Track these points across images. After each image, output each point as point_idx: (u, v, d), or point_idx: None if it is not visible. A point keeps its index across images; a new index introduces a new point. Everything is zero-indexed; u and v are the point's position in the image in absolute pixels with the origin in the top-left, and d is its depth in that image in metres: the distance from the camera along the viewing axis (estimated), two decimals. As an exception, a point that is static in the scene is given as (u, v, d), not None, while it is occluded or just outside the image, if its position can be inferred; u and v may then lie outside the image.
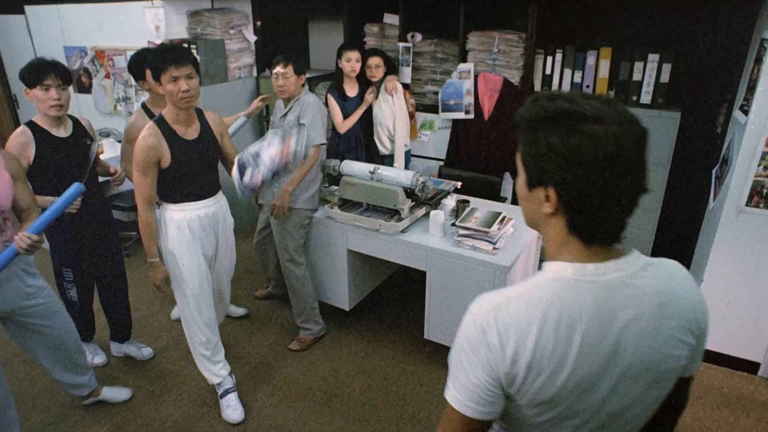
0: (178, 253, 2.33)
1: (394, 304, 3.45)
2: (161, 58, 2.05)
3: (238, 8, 3.97)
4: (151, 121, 2.17)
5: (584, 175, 0.80)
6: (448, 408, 0.90)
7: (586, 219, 0.84)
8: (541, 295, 0.85)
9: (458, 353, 0.88)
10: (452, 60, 3.61)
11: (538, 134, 0.83)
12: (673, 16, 3.21)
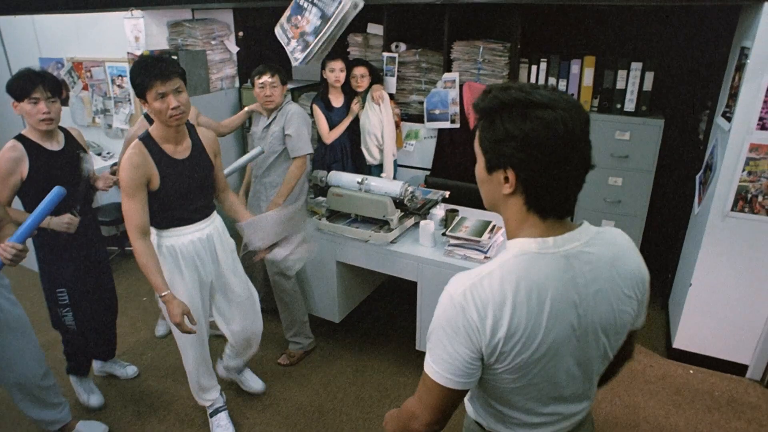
0: (170, 282, 2.08)
1: (384, 314, 3.41)
2: (144, 72, 1.84)
3: (219, 19, 3.92)
4: (136, 140, 1.98)
5: (539, 156, 0.89)
6: (428, 381, 0.98)
7: (542, 196, 0.94)
8: (511, 270, 0.94)
9: (438, 331, 0.96)
10: (437, 69, 3.61)
11: (495, 122, 0.92)
12: (654, 25, 3.27)
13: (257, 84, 2.67)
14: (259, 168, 2.79)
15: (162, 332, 3.20)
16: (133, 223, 1.94)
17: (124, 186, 1.92)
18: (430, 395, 1.00)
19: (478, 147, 0.98)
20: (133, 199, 1.93)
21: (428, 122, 3.64)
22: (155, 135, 2.01)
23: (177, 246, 2.11)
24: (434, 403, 1.01)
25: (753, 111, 2.38)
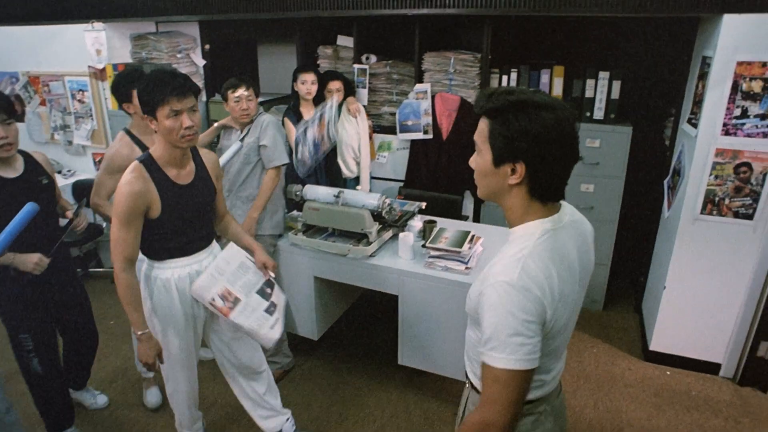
0: (162, 318, 1.96)
1: (363, 329, 3.36)
2: (158, 87, 1.68)
3: (184, 31, 3.83)
4: (135, 161, 1.80)
5: (548, 150, 1.04)
6: (506, 375, 1.02)
7: (545, 185, 1.09)
8: (545, 247, 1.09)
9: (506, 320, 1.02)
10: (408, 81, 3.62)
11: (509, 120, 1.03)
12: (619, 35, 3.36)
13: (232, 98, 2.60)
14: (233, 182, 2.71)
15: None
16: (122, 254, 1.77)
17: (119, 213, 1.73)
18: (509, 390, 1.03)
19: (485, 143, 1.09)
20: (128, 228, 1.76)
21: (401, 133, 3.63)
22: (158, 157, 1.83)
23: (173, 279, 1.94)
24: (515, 396, 1.04)
25: (717, 117, 2.46)
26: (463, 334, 2.41)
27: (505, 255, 1.10)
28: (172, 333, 1.99)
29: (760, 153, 2.46)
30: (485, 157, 1.10)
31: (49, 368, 2.25)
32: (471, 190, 3.59)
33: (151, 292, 1.96)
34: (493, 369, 1.04)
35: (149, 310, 1.96)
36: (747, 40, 2.34)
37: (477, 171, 1.14)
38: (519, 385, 1.03)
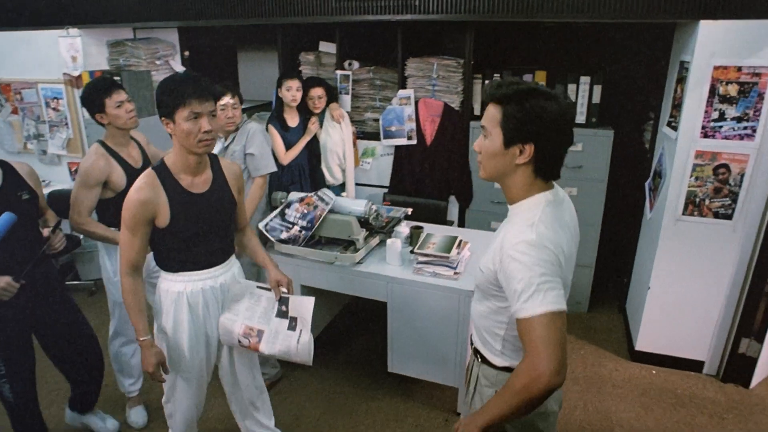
0: (173, 333, 1.86)
1: (351, 336, 3.33)
2: (178, 88, 1.62)
3: (163, 38, 3.77)
4: (149, 168, 1.74)
5: (557, 132, 1.19)
6: (545, 320, 1.10)
7: (549, 164, 1.24)
8: (550, 216, 1.22)
9: (535, 270, 1.13)
10: (391, 87, 3.62)
11: (524, 105, 1.17)
12: (599, 40, 3.42)
13: (217, 106, 2.55)
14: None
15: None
16: (126, 258, 1.73)
17: (125, 218, 1.69)
18: (551, 332, 1.09)
19: (496, 127, 1.21)
20: (135, 234, 1.70)
21: (384, 139, 3.63)
22: (171, 163, 1.75)
23: (185, 293, 1.84)
24: (557, 337, 1.10)
25: (696, 120, 2.52)
26: (453, 340, 2.44)
27: (515, 224, 1.22)
28: (179, 350, 1.87)
29: (737, 155, 2.52)
30: (495, 140, 1.23)
31: (21, 395, 2.10)
32: (456, 195, 3.61)
33: (161, 304, 1.87)
34: (530, 319, 1.11)
35: (159, 321, 1.89)
36: (722, 45, 2.40)
37: (484, 153, 1.27)
38: (559, 326, 1.10)
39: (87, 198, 2.23)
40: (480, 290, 1.37)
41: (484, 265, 1.32)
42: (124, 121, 2.28)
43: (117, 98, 2.25)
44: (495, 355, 1.38)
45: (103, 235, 2.29)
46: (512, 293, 1.16)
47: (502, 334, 1.34)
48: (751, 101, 2.44)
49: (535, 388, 1.09)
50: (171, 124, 1.65)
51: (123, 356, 2.55)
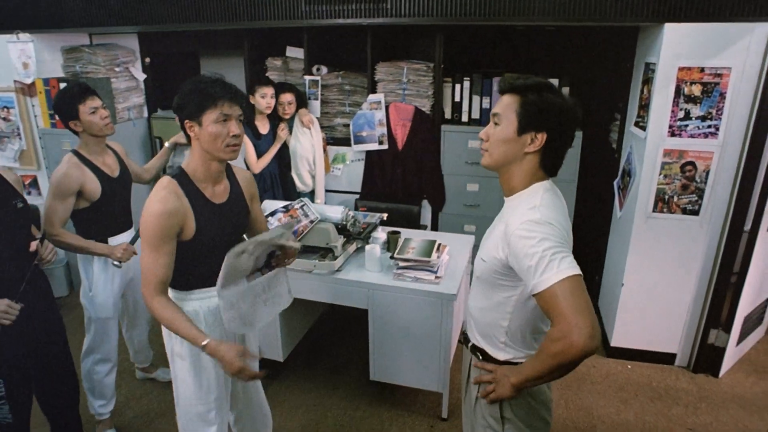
0: (191, 357, 1.67)
1: (329, 346, 3.26)
2: (209, 88, 1.50)
3: (123, 44, 3.62)
4: (167, 177, 1.57)
5: (567, 124, 1.26)
6: (568, 284, 1.11)
7: (555, 155, 1.30)
8: (551, 199, 1.28)
9: (543, 243, 1.16)
10: (360, 91, 3.59)
11: (543, 94, 1.24)
12: (566, 43, 3.48)
13: None
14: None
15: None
16: (155, 279, 1.51)
17: (148, 237, 1.50)
18: (574, 297, 1.10)
19: (511, 114, 1.26)
20: (160, 251, 1.51)
21: (355, 145, 3.59)
22: (192, 171, 1.60)
23: (201, 311, 1.69)
24: (582, 301, 1.11)
25: (664, 120, 2.60)
26: (437, 345, 2.42)
27: (517, 210, 1.25)
28: (201, 377, 1.70)
29: (702, 152, 2.61)
30: (508, 126, 1.27)
31: (20, 417, 1.96)
32: (429, 199, 3.60)
33: None
34: (551, 289, 1.12)
35: (170, 350, 1.71)
36: (686, 47, 2.49)
37: (493, 139, 1.30)
38: (581, 289, 1.12)
39: (60, 209, 2.12)
40: (482, 284, 1.37)
41: (486, 255, 1.32)
42: (99, 128, 2.18)
43: (91, 104, 2.15)
44: (498, 350, 1.38)
45: (80, 245, 2.19)
46: (526, 270, 1.17)
47: (506, 325, 1.35)
48: (713, 101, 2.53)
49: (570, 354, 1.10)
50: (196, 127, 1.53)
51: (96, 375, 2.42)
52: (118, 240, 2.32)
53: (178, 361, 1.69)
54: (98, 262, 2.29)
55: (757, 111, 2.50)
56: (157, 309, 1.53)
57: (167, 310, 1.53)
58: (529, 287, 1.18)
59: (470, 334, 1.48)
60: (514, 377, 1.27)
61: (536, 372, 1.21)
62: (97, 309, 2.33)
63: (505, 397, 1.32)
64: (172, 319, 1.52)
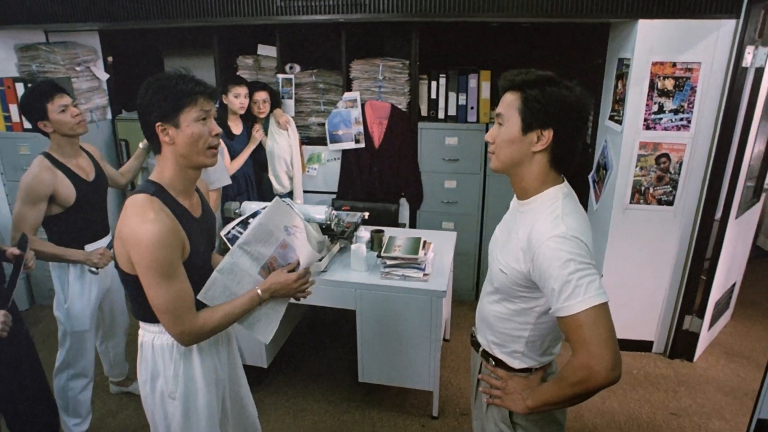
0: (185, 398, 1.48)
1: (313, 349, 3.19)
2: (184, 85, 1.32)
3: (83, 42, 3.44)
4: (142, 195, 1.33)
5: (574, 119, 1.17)
6: (592, 314, 1.06)
7: (565, 152, 1.20)
8: (572, 207, 1.21)
9: (573, 266, 1.08)
10: (335, 90, 3.54)
11: (546, 89, 1.15)
12: (539, 39, 3.53)
13: None
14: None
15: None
16: (186, 307, 1.33)
17: (157, 267, 1.28)
18: (599, 327, 1.06)
19: (513, 113, 1.18)
20: (176, 277, 1.32)
21: (331, 144, 3.54)
22: (168, 183, 1.38)
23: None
24: (606, 331, 1.07)
25: (639, 113, 2.67)
26: (426, 343, 2.40)
27: (540, 218, 1.18)
28: (186, 421, 1.52)
29: (676, 144, 2.69)
30: (512, 126, 1.19)
31: None
32: (407, 197, 3.58)
33: (160, 365, 1.47)
34: (575, 316, 1.07)
35: (156, 391, 1.49)
36: (659, 43, 2.56)
37: (499, 141, 1.23)
38: (606, 319, 1.07)
39: (30, 215, 1.98)
40: (500, 292, 1.30)
41: (506, 266, 1.25)
42: (70, 127, 2.05)
43: (60, 102, 2.01)
44: (514, 358, 1.33)
45: (53, 253, 2.05)
46: (550, 292, 1.12)
47: (526, 335, 1.29)
48: (685, 95, 2.62)
49: (591, 384, 1.08)
50: (171, 129, 1.32)
51: (70, 391, 2.27)
52: (95, 248, 2.19)
53: (169, 403, 1.49)
54: (74, 271, 2.16)
55: (725, 104, 2.60)
56: (206, 328, 1.36)
57: (212, 317, 1.37)
58: (551, 309, 1.14)
59: (482, 340, 1.42)
60: (531, 400, 1.23)
61: (554, 398, 1.18)
62: (73, 321, 2.19)
63: (515, 412, 1.29)
64: (223, 315, 1.38)
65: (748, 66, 2.52)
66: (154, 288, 1.30)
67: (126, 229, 1.30)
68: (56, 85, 2.05)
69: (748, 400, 2.71)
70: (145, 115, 1.34)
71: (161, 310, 1.32)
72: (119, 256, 1.37)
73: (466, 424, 2.56)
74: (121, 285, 2.37)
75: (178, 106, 1.32)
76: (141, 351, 1.50)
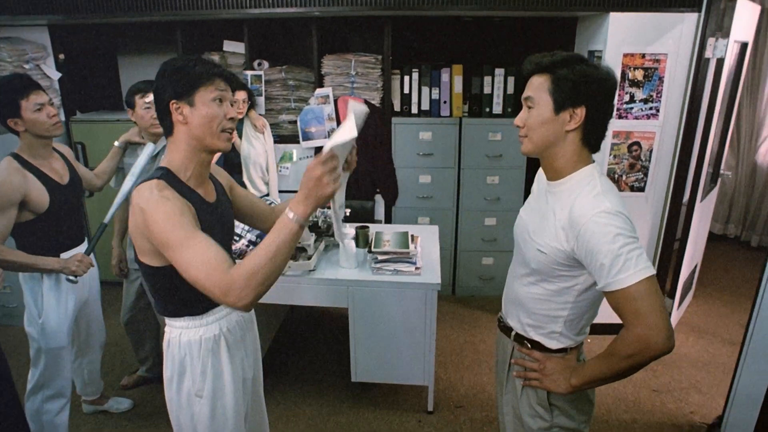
0: (212, 396, 1.41)
1: (300, 351, 3.10)
2: (198, 66, 1.27)
3: (30, 37, 3.19)
4: (149, 182, 1.25)
5: (605, 94, 1.20)
6: (643, 286, 1.08)
7: (597, 130, 1.22)
8: (608, 184, 1.23)
9: (621, 241, 1.10)
10: (305, 86, 3.46)
11: (576, 68, 1.18)
12: (509, 33, 3.59)
13: (142, 103, 2.20)
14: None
15: None
16: (221, 260, 1.15)
17: (178, 230, 1.18)
18: (651, 298, 1.09)
19: (544, 94, 1.20)
20: (198, 235, 1.19)
21: (304, 141, 3.46)
22: (178, 168, 1.32)
23: (223, 332, 1.44)
24: (657, 301, 1.09)
25: (611, 103, 2.76)
26: (421, 337, 2.38)
27: (581, 196, 1.19)
28: (221, 418, 1.45)
29: (646, 132, 2.81)
30: (544, 107, 1.21)
31: None
32: (382, 194, 3.56)
33: (186, 363, 1.40)
34: (627, 290, 1.09)
35: (183, 391, 1.41)
36: (629, 35, 2.66)
37: (531, 124, 1.23)
38: (656, 290, 1.10)
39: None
40: (538, 274, 1.30)
41: (545, 246, 1.25)
42: (46, 128, 1.88)
43: (36, 100, 1.84)
44: (551, 339, 1.33)
45: (25, 262, 1.86)
46: (599, 268, 1.13)
47: (565, 314, 1.30)
48: (653, 85, 2.74)
49: (647, 355, 1.10)
50: (186, 108, 1.27)
51: (46, 414, 2.08)
52: (71, 256, 2.02)
53: (196, 402, 1.41)
54: (48, 281, 1.98)
55: (689, 93, 2.74)
56: (252, 272, 1.12)
57: (251, 259, 1.13)
58: (599, 284, 1.15)
59: (514, 323, 1.42)
60: (576, 379, 1.24)
61: (603, 374, 1.20)
62: (48, 338, 2.00)
63: (556, 392, 1.29)
64: (263, 251, 1.13)
65: (710, 57, 2.66)
66: (182, 250, 1.17)
67: (138, 215, 1.23)
68: (32, 80, 1.88)
69: (719, 373, 2.87)
70: (160, 95, 1.29)
71: (198, 272, 1.15)
72: (140, 249, 1.30)
73: (462, 416, 2.56)
74: (98, 295, 2.24)
75: (194, 84, 1.27)
76: (167, 349, 1.42)
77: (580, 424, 1.37)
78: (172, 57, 1.32)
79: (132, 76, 3.95)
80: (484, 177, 3.47)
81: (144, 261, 1.31)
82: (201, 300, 1.36)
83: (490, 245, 3.61)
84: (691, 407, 2.61)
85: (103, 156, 2.39)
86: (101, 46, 3.76)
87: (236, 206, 1.59)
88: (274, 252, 1.13)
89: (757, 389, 2.11)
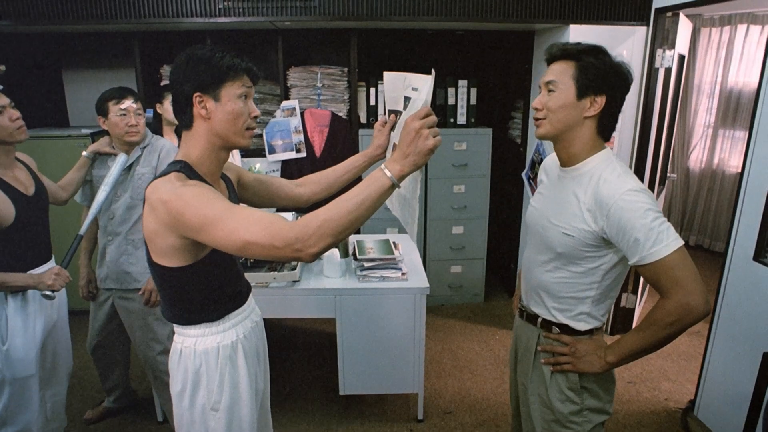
0: (230, 407, 1.34)
1: (282, 367, 2.95)
2: (226, 59, 1.19)
3: (-33, 48, 2.95)
4: (173, 173, 1.18)
5: (624, 86, 1.28)
6: (677, 255, 1.15)
7: (610, 121, 1.30)
8: (625, 167, 1.30)
9: (649, 214, 1.17)
10: (270, 100, 3.41)
11: (600, 57, 1.25)
12: (471, 46, 3.71)
13: (116, 110, 2.06)
14: (120, 223, 2.14)
15: None
16: (272, 219, 1.05)
17: (208, 202, 1.09)
18: (686, 265, 1.15)
19: (568, 80, 1.26)
20: (235, 205, 1.11)
21: (270, 155, 3.39)
22: (196, 162, 1.24)
23: (240, 338, 1.37)
24: (692, 269, 1.16)
25: (574, 110, 2.92)
26: (410, 343, 2.37)
27: (602, 178, 1.25)
28: (237, 424, 1.37)
29: (605, 137, 2.98)
30: (567, 92, 1.27)
31: None
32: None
33: (201, 373, 1.32)
34: (664, 260, 1.15)
35: (197, 405, 1.33)
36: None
37: (551, 106, 1.29)
38: (689, 259, 1.17)
39: None
40: (564, 257, 1.33)
41: (571, 229, 1.29)
42: (9, 133, 1.73)
43: None
44: (579, 321, 1.36)
45: None
46: (633, 243, 1.18)
47: (592, 294, 1.33)
48: (610, 92, 2.92)
49: (688, 320, 1.15)
50: (210, 102, 1.19)
51: None
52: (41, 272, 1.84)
53: (211, 416, 1.33)
54: (13, 303, 1.79)
55: (642, 100, 2.95)
56: (325, 228, 1.03)
57: (331, 210, 1.04)
58: (633, 259, 1.19)
59: (539, 310, 1.43)
60: (612, 356, 1.27)
61: (641, 347, 1.23)
62: (14, 366, 1.79)
63: (591, 372, 1.32)
64: (346, 207, 1.04)
65: (659, 67, 2.88)
66: (225, 221, 1.06)
67: (160, 209, 1.13)
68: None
69: (682, 361, 3.04)
70: (180, 85, 1.20)
71: (251, 232, 1.04)
72: (159, 250, 1.21)
73: (453, 422, 2.54)
74: (67, 317, 2.05)
75: (221, 78, 1.19)
76: (179, 360, 1.32)
77: (605, 404, 1.40)
78: (193, 47, 1.24)
79: (79, 91, 3.73)
80: (451, 186, 3.54)
81: (161, 263, 1.23)
82: (219, 302, 1.35)
83: (458, 253, 3.66)
84: (665, 395, 2.74)
85: (49, 174, 2.20)
86: (47, 58, 3.53)
87: (251, 193, 1.51)
88: (357, 204, 1.04)
89: (724, 374, 2.29)
